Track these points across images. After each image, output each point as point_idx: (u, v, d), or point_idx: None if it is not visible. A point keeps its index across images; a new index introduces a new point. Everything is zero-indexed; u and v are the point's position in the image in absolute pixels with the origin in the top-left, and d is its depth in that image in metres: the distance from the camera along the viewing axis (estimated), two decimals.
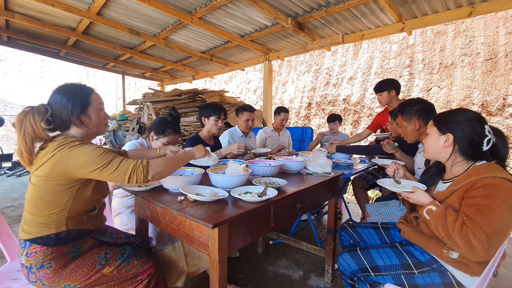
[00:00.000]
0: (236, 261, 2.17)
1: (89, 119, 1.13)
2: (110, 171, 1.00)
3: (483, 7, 2.77)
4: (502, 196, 0.93)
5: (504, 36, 4.73)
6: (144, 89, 13.11)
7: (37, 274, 1.02)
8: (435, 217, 1.02)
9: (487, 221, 0.91)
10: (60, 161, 0.98)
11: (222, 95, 5.34)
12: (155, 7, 2.95)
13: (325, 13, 3.11)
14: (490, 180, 0.97)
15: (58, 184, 1.02)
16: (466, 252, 0.93)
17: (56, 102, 1.08)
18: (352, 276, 1.23)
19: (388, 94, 2.57)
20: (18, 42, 4.86)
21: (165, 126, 1.73)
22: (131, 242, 1.35)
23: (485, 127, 1.07)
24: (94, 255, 1.10)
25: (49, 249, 1.02)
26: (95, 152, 1.00)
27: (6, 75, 15.79)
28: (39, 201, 1.02)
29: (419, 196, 1.13)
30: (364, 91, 6.54)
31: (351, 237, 1.50)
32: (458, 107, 1.27)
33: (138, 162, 1.04)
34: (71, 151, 0.99)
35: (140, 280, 1.14)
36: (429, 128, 1.21)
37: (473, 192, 0.99)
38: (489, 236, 0.90)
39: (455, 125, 1.11)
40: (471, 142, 1.08)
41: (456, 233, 0.94)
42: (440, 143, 1.14)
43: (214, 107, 2.25)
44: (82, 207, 1.09)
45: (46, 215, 1.03)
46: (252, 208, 1.08)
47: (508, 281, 1.98)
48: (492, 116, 4.71)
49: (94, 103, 1.15)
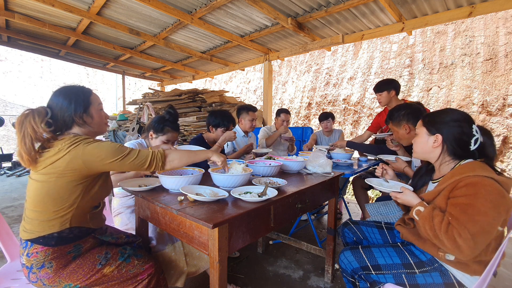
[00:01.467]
0: (236, 261, 2.17)
1: (91, 118, 1.16)
2: (131, 159, 1.09)
3: (483, 7, 2.77)
4: (485, 194, 0.94)
5: (504, 36, 4.73)
6: (144, 89, 13.12)
7: (38, 274, 1.02)
8: (422, 218, 1.04)
9: (472, 220, 0.92)
10: (76, 157, 1.01)
11: (222, 95, 5.34)
12: (155, 7, 2.95)
13: (325, 13, 3.11)
14: (473, 179, 0.98)
15: (71, 180, 1.04)
16: (454, 252, 0.95)
17: (58, 104, 1.10)
18: (353, 274, 1.23)
19: (387, 94, 2.56)
20: (18, 42, 4.86)
21: (163, 124, 1.74)
22: (131, 242, 1.35)
23: (472, 127, 1.08)
24: (94, 255, 1.11)
25: (50, 249, 1.03)
26: (113, 145, 1.08)
27: (6, 75, 15.79)
28: (46, 198, 1.03)
29: (407, 197, 1.14)
30: (364, 91, 6.54)
31: (354, 234, 1.49)
32: (446, 107, 1.30)
33: (156, 151, 1.15)
34: (87, 146, 1.03)
35: (141, 280, 1.15)
36: (418, 129, 1.22)
37: (457, 191, 1.01)
38: (475, 235, 0.91)
39: (443, 125, 1.12)
40: (459, 142, 1.09)
41: (442, 233, 0.96)
42: (430, 144, 1.15)
43: (223, 117, 2.22)
44: (89, 203, 1.12)
45: (53, 211, 1.04)
46: (252, 208, 1.08)
47: (508, 281, 1.98)
48: (492, 116, 4.71)
49: (95, 103, 1.18)
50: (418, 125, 1.23)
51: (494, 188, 0.94)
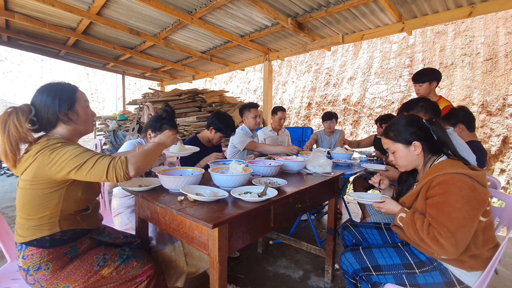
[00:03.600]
0: (236, 261, 2.17)
1: (77, 115, 1.11)
2: (87, 169, 0.96)
3: (483, 7, 2.77)
4: (457, 191, 0.96)
5: (504, 36, 4.73)
6: (144, 89, 13.12)
7: (35, 276, 1.01)
8: (406, 224, 1.07)
9: (449, 218, 0.95)
10: (42, 164, 0.96)
11: (222, 95, 5.34)
12: (155, 7, 2.95)
13: (325, 13, 3.11)
14: (443, 177, 1.02)
15: (44, 187, 1.00)
16: (439, 252, 0.97)
17: (41, 102, 1.05)
18: (354, 275, 1.23)
19: (429, 86, 2.30)
20: (18, 42, 4.86)
21: (161, 123, 1.75)
22: (130, 243, 1.34)
23: (423, 121, 1.19)
24: (92, 256, 1.09)
25: (45, 251, 1.01)
26: (74, 152, 0.97)
27: (6, 75, 15.78)
28: (27, 205, 1.01)
29: (389, 205, 1.19)
30: (364, 91, 6.54)
31: (353, 236, 1.50)
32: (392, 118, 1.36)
33: (116, 158, 0.99)
34: (52, 153, 0.97)
35: (140, 282, 1.13)
36: (392, 147, 1.24)
37: (431, 191, 1.04)
38: (454, 232, 0.93)
39: (410, 131, 1.17)
40: (426, 137, 1.16)
41: (425, 236, 0.98)
42: (412, 153, 1.18)
43: (227, 126, 2.17)
44: (74, 207, 1.07)
45: (37, 218, 1.01)
46: (252, 208, 1.08)
47: (508, 281, 1.98)
48: (492, 116, 4.71)
49: (81, 100, 1.13)
50: (387, 144, 1.26)
51: (464, 183, 0.97)
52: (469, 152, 1.60)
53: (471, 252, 1.01)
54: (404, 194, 1.29)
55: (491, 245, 1.04)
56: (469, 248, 0.99)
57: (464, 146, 1.60)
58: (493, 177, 1.84)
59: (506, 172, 4.51)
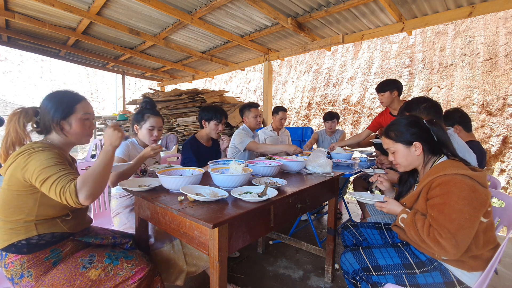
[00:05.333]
0: (236, 261, 2.17)
1: (69, 126, 1.10)
2: (47, 187, 0.92)
3: (483, 7, 2.77)
4: (457, 192, 0.96)
5: (504, 36, 4.73)
6: (144, 89, 13.12)
7: (20, 284, 0.99)
8: (407, 225, 1.07)
9: (449, 219, 0.95)
10: (18, 167, 0.96)
11: (222, 95, 5.34)
12: (155, 7, 2.95)
13: (325, 13, 3.11)
14: (444, 178, 1.02)
15: (19, 189, 0.99)
16: (439, 253, 0.97)
17: (44, 106, 1.09)
18: (355, 275, 1.23)
19: (390, 95, 2.54)
20: (18, 42, 4.86)
21: (142, 113, 1.78)
22: (123, 243, 1.31)
23: (423, 121, 1.20)
24: (77, 259, 1.06)
25: (24, 257, 0.99)
26: (44, 163, 0.94)
27: (6, 75, 15.78)
28: (5, 206, 1.00)
29: (391, 206, 1.19)
30: (364, 91, 6.54)
31: (353, 236, 1.50)
32: (398, 117, 1.37)
33: (68, 185, 0.92)
34: (29, 157, 0.96)
35: (131, 284, 1.09)
36: (392, 147, 1.24)
37: (432, 192, 1.04)
38: (455, 233, 0.93)
39: (411, 132, 1.18)
40: (427, 139, 1.17)
41: (425, 236, 0.98)
42: (413, 153, 1.19)
43: (215, 111, 2.20)
44: (52, 213, 1.04)
45: (13, 220, 1.00)
46: (252, 208, 1.08)
47: (508, 281, 1.98)
48: (492, 116, 4.71)
49: (79, 112, 1.12)
50: (387, 144, 1.26)
51: (464, 184, 0.97)
52: (470, 152, 1.60)
53: (471, 252, 1.01)
54: (404, 195, 1.29)
55: (492, 245, 1.04)
56: (469, 248, 0.99)
57: (465, 147, 1.60)
58: (493, 177, 1.84)
59: (506, 172, 4.51)
